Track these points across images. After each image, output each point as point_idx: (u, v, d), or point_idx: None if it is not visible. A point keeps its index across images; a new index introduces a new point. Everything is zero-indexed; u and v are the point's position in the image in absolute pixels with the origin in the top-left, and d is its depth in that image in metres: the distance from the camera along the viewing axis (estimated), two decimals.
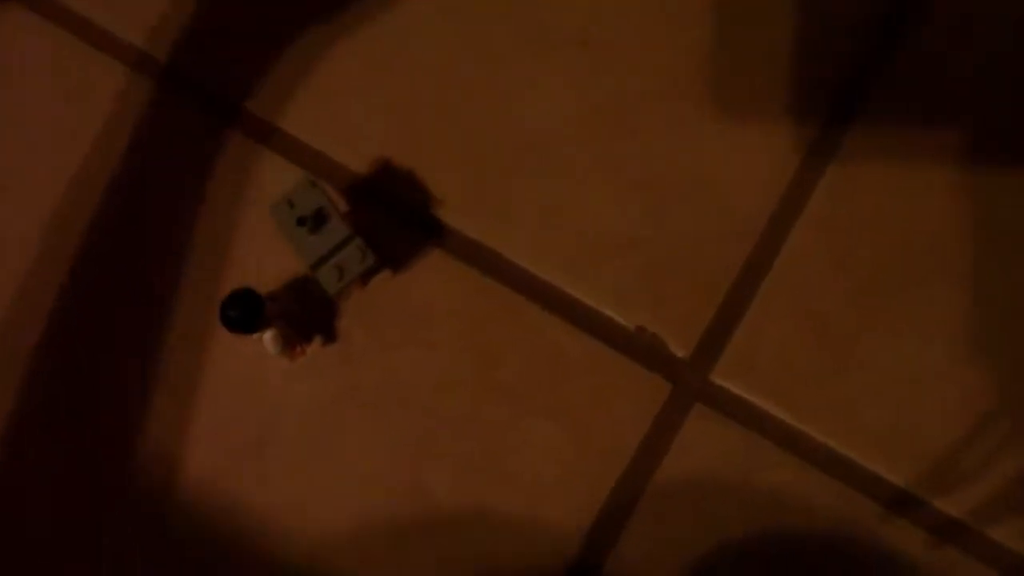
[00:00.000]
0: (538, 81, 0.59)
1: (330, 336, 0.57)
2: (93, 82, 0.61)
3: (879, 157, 0.56)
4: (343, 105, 0.60)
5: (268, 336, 0.53)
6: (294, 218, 0.52)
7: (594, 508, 0.54)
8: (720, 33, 0.59)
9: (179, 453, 0.56)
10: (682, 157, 0.57)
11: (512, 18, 0.60)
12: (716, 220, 0.56)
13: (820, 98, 0.58)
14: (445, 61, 0.60)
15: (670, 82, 0.58)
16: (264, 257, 0.57)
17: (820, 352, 0.54)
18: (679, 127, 0.58)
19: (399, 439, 0.55)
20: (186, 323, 0.57)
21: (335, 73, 0.60)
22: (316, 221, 0.52)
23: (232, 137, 0.60)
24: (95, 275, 0.58)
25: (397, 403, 0.55)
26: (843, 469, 0.53)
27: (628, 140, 0.58)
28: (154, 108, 0.60)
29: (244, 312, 0.51)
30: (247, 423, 0.56)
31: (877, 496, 0.53)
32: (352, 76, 0.60)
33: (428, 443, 0.55)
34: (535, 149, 0.58)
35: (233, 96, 0.60)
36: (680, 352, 0.55)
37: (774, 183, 0.56)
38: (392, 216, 0.58)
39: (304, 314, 0.57)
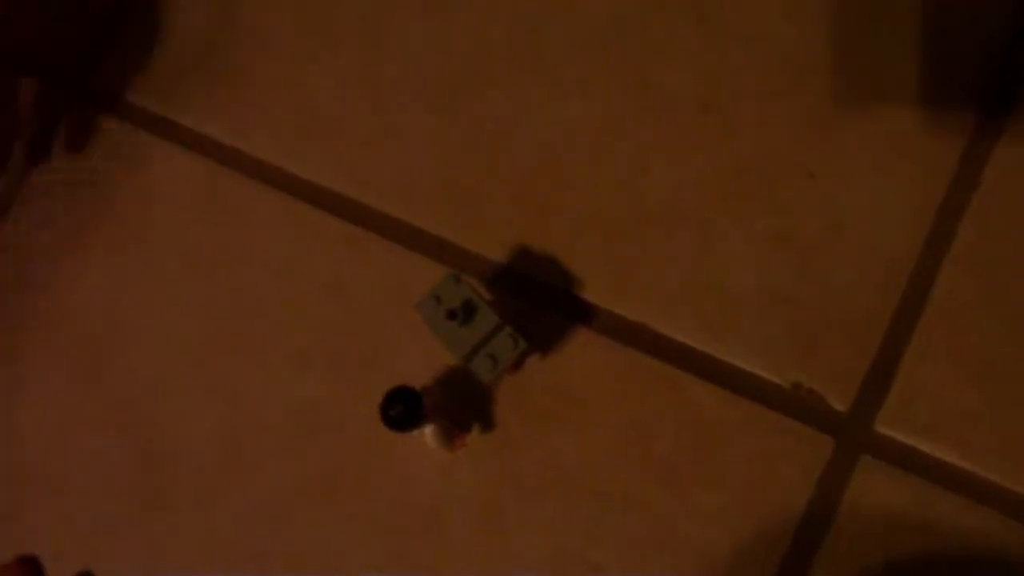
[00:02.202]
0: (664, 147, 0.59)
1: (487, 424, 0.57)
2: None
3: None
4: (472, 193, 0.61)
5: (428, 431, 0.54)
6: (442, 313, 0.53)
7: (771, 573, 0.53)
8: (845, 74, 0.59)
9: (351, 547, 0.57)
10: (820, 207, 0.57)
11: (631, 87, 0.61)
12: (861, 266, 0.56)
13: (958, 129, 0.57)
14: (568, 137, 0.61)
15: (799, 132, 0.58)
16: (414, 353, 0.58)
17: (986, 390, 0.53)
18: (813, 177, 0.57)
19: (565, 522, 0.55)
20: (342, 423, 0.59)
21: (461, 163, 0.62)
22: (466, 313, 0.53)
23: (369, 239, 0.61)
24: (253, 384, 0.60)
25: (559, 486, 0.56)
26: None
27: (763, 196, 0.58)
28: (302, 229, 0.62)
29: (404, 410, 0.51)
30: (413, 515, 0.56)
31: None
32: (476, 163, 0.62)
33: (595, 524, 0.55)
34: (669, 216, 0.58)
35: (364, 201, 0.62)
36: (839, 405, 0.54)
37: (918, 221, 0.56)
38: (534, 300, 0.59)
39: (458, 405, 0.57)
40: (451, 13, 0.65)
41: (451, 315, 0.53)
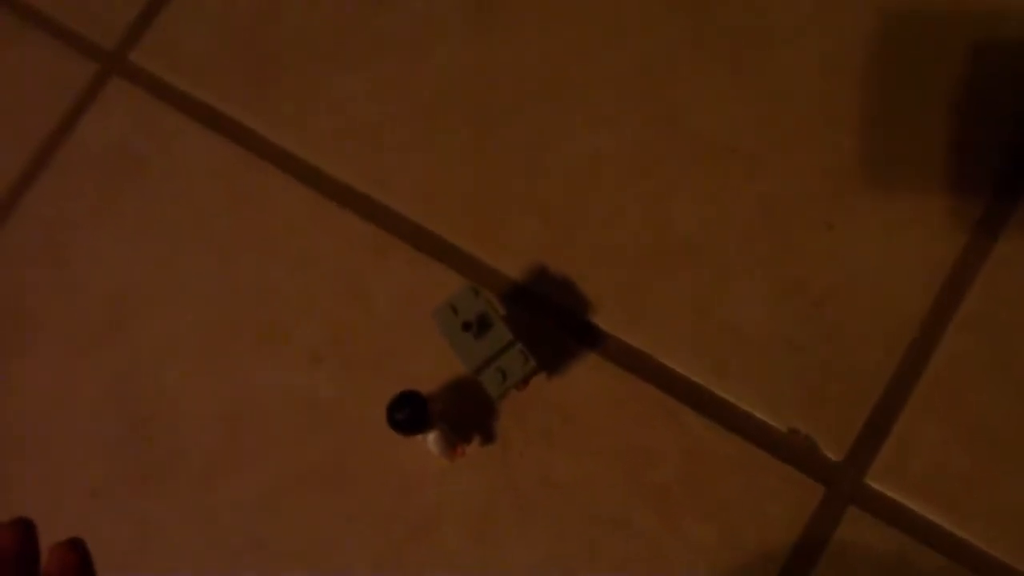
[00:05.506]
0: (690, 186, 0.61)
1: (488, 437, 0.58)
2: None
3: None
4: (498, 212, 0.62)
5: (431, 437, 0.55)
6: (458, 323, 0.54)
7: None
8: (870, 135, 0.60)
9: (345, 543, 0.58)
10: (835, 258, 0.58)
11: (661, 125, 0.63)
12: (870, 321, 0.57)
13: (975, 197, 0.58)
14: (596, 166, 0.62)
15: (821, 184, 0.60)
16: (424, 360, 0.59)
17: (979, 455, 0.54)
18: (831, 228, 0.59)
19: (555, 540, 0.56)
20: (348, 421, 0.60)
21: (490, 181, 0.63)
22: (480, 326, 0.54)
23: (392, 244, 0.63)
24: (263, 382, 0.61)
25: (553, 504, 0.57)
26: None
27: (781, 242, 0.59)
28: (319, 219, 0.64)
29: (410, 414, 0.53)
30: (408, 518, 0.58)
31: None
32: (505, 183, 0.63)
33: (585, 544, 0.56)
34: (688, 252, 0.60)
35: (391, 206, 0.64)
36: (833, 455, 0.56)
37: (929, 284, 0.57)
38: (547, 320, 0.60)
39: (463, 415, 0.58)
40: (495, 37, 0.66)
41: (466, 326, 0.54)
